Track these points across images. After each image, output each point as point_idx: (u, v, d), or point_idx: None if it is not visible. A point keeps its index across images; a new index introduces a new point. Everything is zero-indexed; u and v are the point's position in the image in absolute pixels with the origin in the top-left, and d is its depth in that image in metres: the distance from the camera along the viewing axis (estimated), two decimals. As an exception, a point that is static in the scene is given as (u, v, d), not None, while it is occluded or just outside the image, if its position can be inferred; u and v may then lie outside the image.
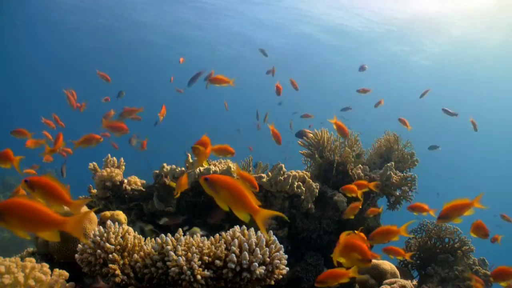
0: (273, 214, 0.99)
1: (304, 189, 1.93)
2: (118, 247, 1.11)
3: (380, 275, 1.61)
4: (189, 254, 1.04)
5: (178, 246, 1.05)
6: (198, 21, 11.53)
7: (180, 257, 1.02)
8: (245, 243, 1.05)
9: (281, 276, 1.10)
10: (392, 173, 2.25)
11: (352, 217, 1.91)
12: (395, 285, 1.44)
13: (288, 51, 13.05)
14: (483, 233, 1.59)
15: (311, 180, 1.98)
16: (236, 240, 1.07)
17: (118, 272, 1.06)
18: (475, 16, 9.85)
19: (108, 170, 2.01)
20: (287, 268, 1.12)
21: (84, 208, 1.33)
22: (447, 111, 3.98)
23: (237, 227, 1.13)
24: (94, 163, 2.09)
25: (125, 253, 1.12)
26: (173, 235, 1.11)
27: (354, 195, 1.87)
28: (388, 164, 2.27)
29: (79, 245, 1.11)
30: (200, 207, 2.03)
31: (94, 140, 2.13)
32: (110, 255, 1.08)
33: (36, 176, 1.03)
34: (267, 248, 1.06)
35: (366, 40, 11.80)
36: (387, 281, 1.53)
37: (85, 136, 2.18)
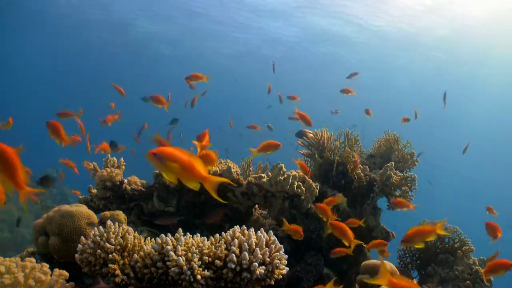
0: (221, 180, 1.04)
1: (304, 189, 1.93)
2: (118, 247, 1.11)
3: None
4: (189, 254, 1.04)
5: (178, 246, 1.05)
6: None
7: (180, 257, 1.02)
8: (245, 243, 1.05)
9: (281, 276, 1.10)
10: (392, 173, 2.25)
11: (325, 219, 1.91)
12: (395, 285, 1.44)
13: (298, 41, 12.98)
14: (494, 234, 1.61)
15: (311, 180, 1.98)
16: (236, 240, 1.07)
17: (118, 272, 1.07)
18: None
19: (108, 170, 2.01)
20: (287, 268, 1.12)
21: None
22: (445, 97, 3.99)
23: (237, 227, 1.13)
24: (94, 163, 2.10)
25: (125, 253, 1.12)
26: (173, 235, 1.12)
27: (325, 218, 1.87)
28: (388, 164, 2.27)
29: (79, 245, 1.11)
30: (200, 207, 2.03)
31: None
32: (110, 255, 1.08)
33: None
34: (267, 248, 1.06)
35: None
36: (387, 281, 1.52)
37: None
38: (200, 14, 11.25)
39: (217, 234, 1.14)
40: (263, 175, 1.95)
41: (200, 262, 1.04)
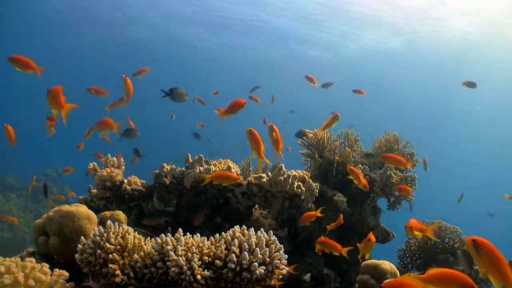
0: None
1: (304, 189, 1.93)
2: (118, 247, 1.11)
3: (380, 275, 1.61)
4: (189, 254, 1.04)
5: (178, 246, 1.05)
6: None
7: (180, 257, 1.02)
8: (245, 243, 1.05)
9: (281, 276, 1.10)
10: (392, 173, 2.25)
11: (308, 224, 1.92)
12: (395, 285, 1.44)
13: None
14: None
15: (311, 180, 1.98)
16: (236, 240, 1.07)
17: (118, 272, 1.06)
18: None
19: (108, 170, 2.01)
20: (287, 268, 1.12)
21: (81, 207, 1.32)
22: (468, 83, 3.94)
23: (237, 227, 1.13)
24: (94, 163, 2.09)
25: (125, 253, 1.12)
26: (172, 235, 1.12)
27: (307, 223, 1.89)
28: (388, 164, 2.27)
29: (79, 245, 1.11)
30: (200, 208, 2.03)
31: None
32: (110, 255, 1.08)
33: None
34: (267, 248, 1.06)
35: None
36: (387, 281, 1.52)
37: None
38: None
39: (217, 234, 1.14)
40: (263, 175, 1.95)
41: (200, 262, 1.04)
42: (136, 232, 1.19)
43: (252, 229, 1.12)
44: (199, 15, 11.13)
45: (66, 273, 1.05)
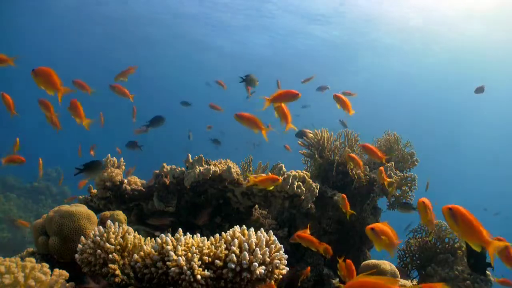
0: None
1: (304, 189, 1.93)
2: (118, 247, 1.11)
3: (380, 275, 1.61)
4: (189, 254, 1.04)
5: (178, 246, 1.05)
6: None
7: (180, 257, 1.02)
8: (245, 243, 1.05)
9: (281, 276, 1.10)
10: (392, 173, 2.25)
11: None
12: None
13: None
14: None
15: (311, 180, 1.98)
16: (236, 240, 1.07)
17: (118, 272, 1.06)
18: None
19: (108, 170, 2.01)
20: (287, 268, 1.12)
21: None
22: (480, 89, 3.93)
23: (237, 227, 1.13)
24: (94, 163, 2.09)
25: (125, 253, 1.12)
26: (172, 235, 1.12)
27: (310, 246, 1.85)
28: (388, 164, 2.27)
29: (79, 245, 1.11)
30: (200, 207, 2.03)
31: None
32: (110, 255, 1.08)
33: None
34: (267, 248, 1.06)
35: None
36: (387, 281, 1.52)
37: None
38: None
39: (217, 234, 1.14)
40: (263, 174, 1.95)
41: (200, 262, 1.04)
42: (139, 231, 1.20)
43: (252, 229, 1.12)
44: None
45: (66, 273, 1.05)
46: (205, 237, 1.12)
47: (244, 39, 13.02)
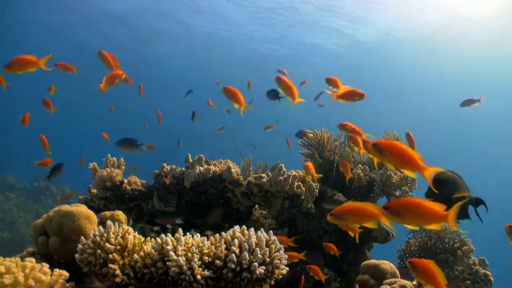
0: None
1: (304, 189, 1.93)
2: (118, 247, 1.11)
3: (380, 275, 1.61)
4: (189, 254, 1.04)
5: (178, 246, 1.05)
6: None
7: (180, 257, 1.02)
8: (245, 243, 1.05)
9: (281, 276, 1.10)
10: (392, 173, 2.25)
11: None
12: (395, 285, 1.44)
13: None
14: None
15: (311, 180, 1.98)
16: (236, 240, 1.07)
17: (118, 272, 1.06)
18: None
19: (108, 170, 2.01)
20: (287, 268, 1.12)
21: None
22: (471, 100, 3.77)
23: (237, 227, 1.13)
24: (94, 163, 2.09)
25: (125, 253, 1.12)
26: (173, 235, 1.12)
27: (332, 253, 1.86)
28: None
29: (79, 245, 1.11)
30: (200, 207, 2.03)
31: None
32: (110, 255, 1.08)
33: None
34: (267, 248, 1.06)
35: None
36: (387, 281, 1.53)
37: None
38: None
39: (217, 234, 1.14)
40: (263, 175, 1.95)
41: (200, 262, 1.04)
42: (147, 229, 1.20)
43: (252, 229, 1.12)
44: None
45: (66, 273, 1.05)
46: (205, 237, 1.12)
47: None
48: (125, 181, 2.06)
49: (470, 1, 9.38)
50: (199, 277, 1.01)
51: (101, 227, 1.14)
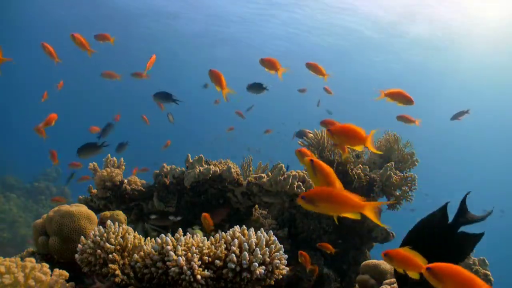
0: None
1: (304, 189, 1.93)
2: (118, 247, 1.11)
3: (380, 275, 1.61)
4: (189, 254, 1.04)
5: (178, 246, 1.05)
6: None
7: (180, 257, 1.02)
8: (245, 243, 1.05)
9: (281, 276, 1.10)
10: (392, 173, 2.25)
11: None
12: (395, 285, 1.44)
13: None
14: None
15: (311, 180, 1.98)
16: (236, 240, 1.07)
17: (118, 272, 1.06)
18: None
19: (108, 170, 2.01)
20: (287, 268, 1.12)
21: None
22: (460, 113, 3.69)
23: (237, 227, 1.13)
24: (94, 163, 2.09)
25: (125, 253, 1.12)
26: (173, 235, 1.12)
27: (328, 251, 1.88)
28: (388, 164, 2.27)
29: (79, 245, 1.11)
30: (200, 207, 2.03)
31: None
32: (110, 255, 1.08)
33: None
34: (267, 248, 1.06)
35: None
36: (387, 281, 1.53)
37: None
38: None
39: (217, 234, 1.14)
40: (263, 175, 1.95)
41: (200, 262, 1.04)
42: (148, 228, 1.20)
43: (252, 229, 1.12)
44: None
45: (66, 273, 1.05)
46: (205, 237, 1.12)
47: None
48: (125, 181, 2.06)
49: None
50: (199, 277, 1.01)
51: (101, 227, 1.14)
